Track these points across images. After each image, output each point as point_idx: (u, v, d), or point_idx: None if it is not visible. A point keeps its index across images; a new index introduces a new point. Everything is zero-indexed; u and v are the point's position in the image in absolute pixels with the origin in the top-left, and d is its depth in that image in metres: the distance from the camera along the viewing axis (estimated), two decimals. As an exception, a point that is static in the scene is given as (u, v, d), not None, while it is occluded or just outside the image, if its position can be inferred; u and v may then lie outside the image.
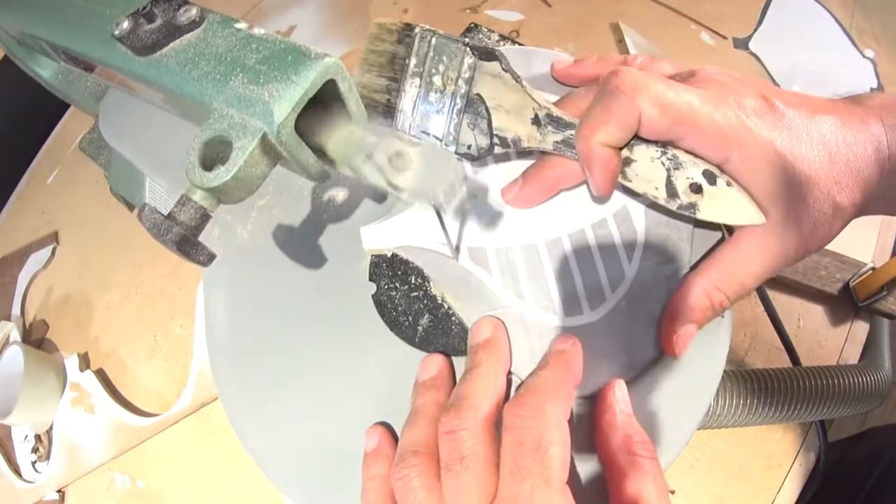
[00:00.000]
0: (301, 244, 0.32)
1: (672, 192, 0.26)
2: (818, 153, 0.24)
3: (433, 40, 0.28)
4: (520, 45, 0.58)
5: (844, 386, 0.40)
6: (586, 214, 0.29)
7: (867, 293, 0.46)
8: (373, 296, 0.30)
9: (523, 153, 0.30)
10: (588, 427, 0.26)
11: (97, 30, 0.27)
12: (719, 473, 0.44)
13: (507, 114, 0.28)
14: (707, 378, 0.27)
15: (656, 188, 0.26)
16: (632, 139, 0.26)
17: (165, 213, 0.22)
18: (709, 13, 0.67)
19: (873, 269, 0.47)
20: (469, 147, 0.28)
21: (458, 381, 0.27)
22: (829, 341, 0.48)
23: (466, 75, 0.27)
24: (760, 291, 0.41)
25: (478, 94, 0.28)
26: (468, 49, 0.27)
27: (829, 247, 0.48)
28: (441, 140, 0.28)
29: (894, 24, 0.66)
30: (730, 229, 0.28)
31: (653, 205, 0.29)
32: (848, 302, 0.48)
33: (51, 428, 0.59)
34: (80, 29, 0.28)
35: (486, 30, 0.61)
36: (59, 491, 0.57)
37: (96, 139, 0.65)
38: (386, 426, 0.28)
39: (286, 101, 0.21)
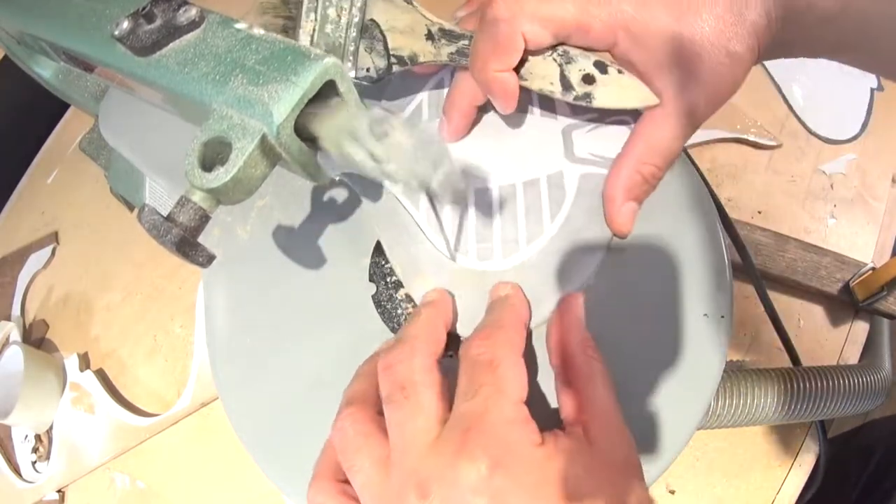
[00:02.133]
0: (301, 244, 0.32)
1: (566, 85, 0.27)
2: (701, 10, 0.24)
3: None
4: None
5: (844, 386, 0.40)
6: (520, 171, 0.30)
7: (867, 293, 0.46)
8: (373, 296, 0.30)
9: None
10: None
11: (97, 30, 0.27)
12: (719, 473, 0.44)
13: (402, 34, 0.29)
14: (707, 378, 0.27)
15: (551, 83, 0.27)
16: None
17: (165, 213, 0.22)
18: (709, 13, 0.67)
19: (873, 269, 0.47)
20: (368, 70, 0.29)
21: None
22: (829, 341, 0.48)
23: (359, 3, 0.29)
24: (760, 291, 0.41)
25: (371, 20, 0.29)
26: None
27: (829, 247, 0.48)
28: None
29: (894, 24, 0.66)
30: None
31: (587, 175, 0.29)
32: (848, 302, 0.47)
33: (51, 428, 0.59)
34: (80, 29, 0.28)
35: (485, 29, 0.61)
36: (59, 491, 0.57)
37: (96, 139, 0.65)
38: None
39: (286, 101, 0.21)
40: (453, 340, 0.28)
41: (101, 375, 0.60)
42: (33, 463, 0.59)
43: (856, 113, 0.56)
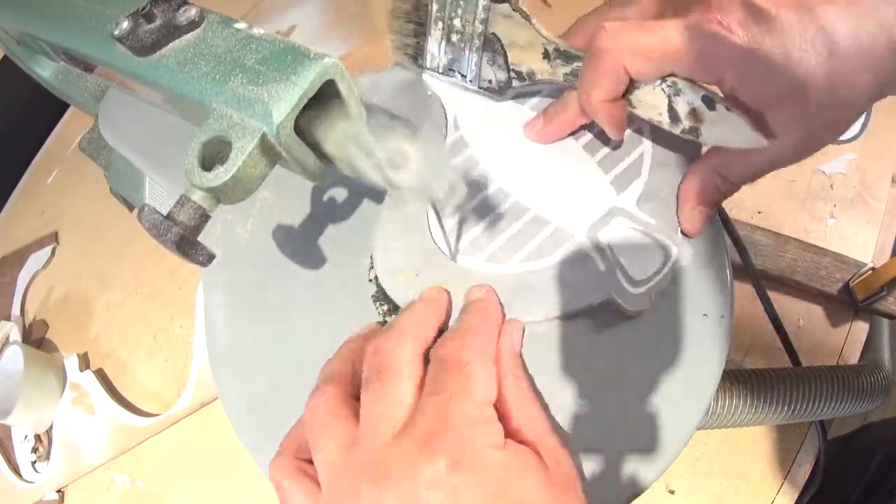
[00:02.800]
0: (301, 244, 0.32)
1: (674, 117, 0.27)
2: (815, 50, 0.24)
3: None
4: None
5: (844, 386, 0.39)
6: (577, 212, 0.30)
7: (867, 293, 0.46)
8: (372, 296, 0.30)
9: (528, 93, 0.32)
10: None
11: (97, 30, 0.27)
12: (719, 473, 0.44)
13: (521, 49, 0.30)
14: (707, 378, 0.27)
15: (659, 113, 0.27)
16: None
17: (165, 213, 0.22)
18: (709, 13, 0.67)
19: (873, 269, 0.47)
20: (490, 82, 0.31)
21: None
22: (829, 341, 0.48)
23: (482, 16, 0.29)
24: (760, 291, 0.41)
25: (493, 34, 0.30)
26: None
27: (829, 247, 0.48)
28: (465, 77, 0.31)
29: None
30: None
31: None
32: (848, 302, 0.47)
33: (51, 428, 0.59)
34: (79, 29, 0.28)
35: (486, 30, 0.61)
36: (58, 491, 0.57)
37: (96, 139, 0.65)
38: None
39: (285, 101, 0.21)
40: None
41: (101, 375, 0.60)
42: (33, 463, 0.59)
43: (856, 113, 0.56)
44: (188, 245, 0.22)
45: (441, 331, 0.27)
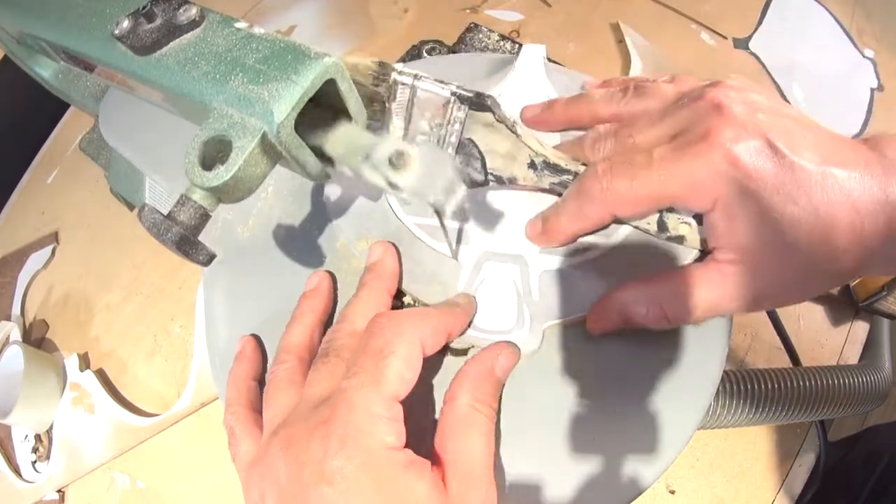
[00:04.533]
0: (301, 244, 0.32)
1: (663, 227, 0.27)
2: (813, 215, 0.22)
3: (417, 93, 0.27)
4: (520, 45, 0.58)
5: (844, 386, 0.40)
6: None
7: (867, 293, 0.46)
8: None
9: None
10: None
11: (97, 29, 0.27)
12: (719, 473, 0.44)
13: (503, 158, 0.28)
14: (707, 378, 0.27)
15: (648, 223, 0.27)
16: None
17: (165, 212, 0.22)
18: (709, 13, 0.67)
19: (873, 269, 0.47)
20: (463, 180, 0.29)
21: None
22: (829, 341, 0.48)
23: (456, 126, 0.27)
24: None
25: (469, 139, 0.28)
26: (457, 101, 0.26)
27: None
28: None
29: (894, 24, 0.66)
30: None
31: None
32: (848, 302, 0.48)
33: (51, 428, 0.59)
34: (80, 28, 0.28)
35: (486, 30, 0.61)
36: (59, 491, 0.57)
37: (96, 139, 0.65)
38: (255, 337, 0.31)
39: (286, 100, 0.21)
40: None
41: (101, 375, 0.60)
42: (33, 463, 0.59)
43: (856, 113, 0.56)
44: (188, 245, 0.22)
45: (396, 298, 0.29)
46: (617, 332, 0.27)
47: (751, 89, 0.25)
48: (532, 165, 0.28)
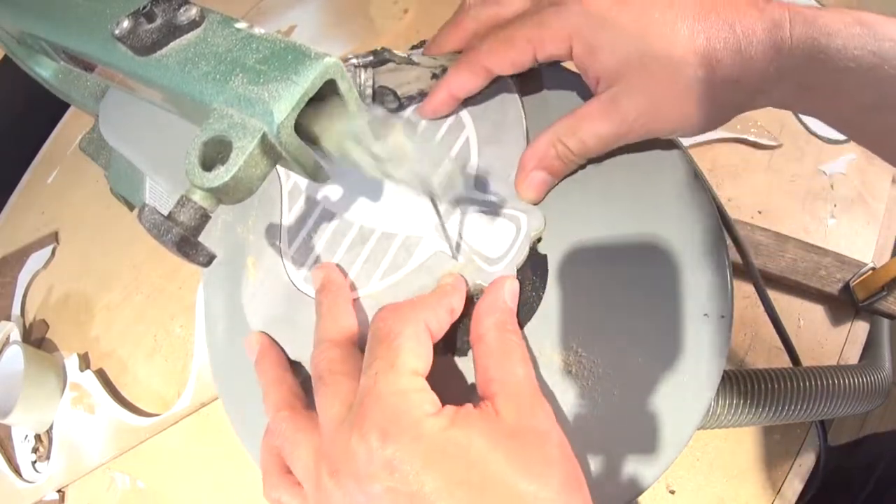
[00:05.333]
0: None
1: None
2: (678, 30, 0.24)
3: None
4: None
5: (844, 386, 0.39)
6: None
7: (867, 293, 0.46)
8: (373, 296, 0.30)
9: None
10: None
11: (97, 29, 0.27)
12: (719, 473, 0.44)
13: (411, 83, 0.32)
14: (707, 378, 0.27)
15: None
16: None
17: (165, 213, 0.22)
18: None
19: (873, 269, 0.47)
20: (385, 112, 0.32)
21: None
22: (829, 341, 0.48)
23: (368, 83, 0.31)
24: (760, 291, 0.41)
25: (381, 86, 0.31)
26: (359, 69, 0.31)
27: (829, 247, 0.48)
28: None
29: (894, 24, 0.66)
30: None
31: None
32: (848, 302, 0.47)
33: (51, 428, 0.59)
34: (80, 29, 0.28)
35: (486, 30, 0.61)
36: (59, 491, 0.57)
37: (96, 139, 0.65)
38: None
39: (286, 101, 0.21)
40: (448, 342, 0.28)
41: (101, 375, 0.60)
42: (33, 463, 0.59)
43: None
44: (188, 245, 0.22)
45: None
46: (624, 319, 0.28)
47: None
48: (434, 76, 0.31)
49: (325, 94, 0.23)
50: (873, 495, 0.44)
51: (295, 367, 0.30)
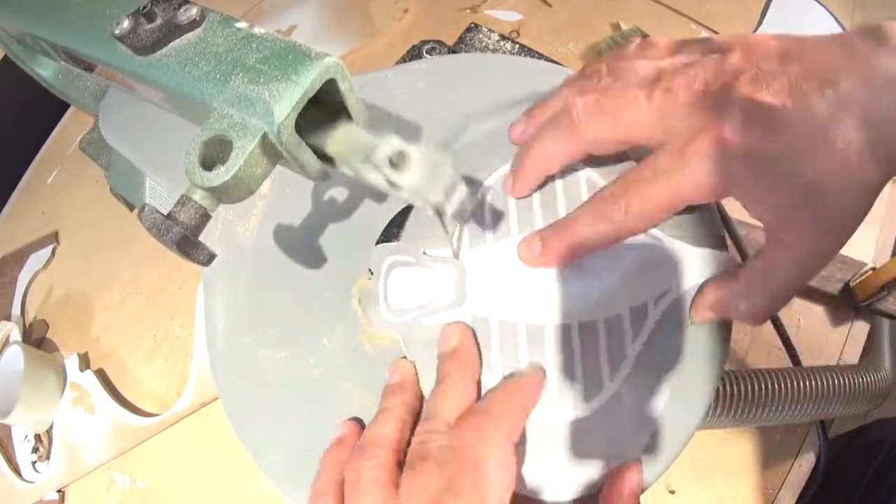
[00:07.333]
0: (302, 244, 0.32)
1: None
2: (823, 154, 0.21)
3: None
4: (521, 45, 0.58)
5: (844, 386, 0.39)
6: (602, 306, 0.28)
7: (867, 293, 0.46)
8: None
9: None
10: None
11: (97, 29, 0.27)
12: (719, 473, 0.44)
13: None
14: (707, 378, 0.27)
15: None
16: None
17: (165, 212, 0.22)
18: (709, 13, 0.67)
19: (873, 269, 0.47)
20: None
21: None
22: (829, 341, 0.48)
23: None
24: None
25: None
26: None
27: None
28: None
29: (894, 25, 0.66)
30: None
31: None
32: (848, 302, 0.47)
33: (51, 428, 0.59)
34: (80, 28, 0.28)
35: (486, 30, 0.61)
36: (59, 491, 0.57)
37: (96, 139, 0.65)
38: (357, 421, 0.28)
39: (286, 100, 0.21)
40: None
41: (101, 375, 0.60)
42: (33, 463, 0.59)
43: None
44: (189, 245, 0.22)
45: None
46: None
47: (726, 49, 0.25)
48: None
49: (328, 96, 0.23)
50: (877, 475, 0.44)
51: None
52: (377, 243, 0.30)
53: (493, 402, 0.26)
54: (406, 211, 0.31)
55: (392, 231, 0.31)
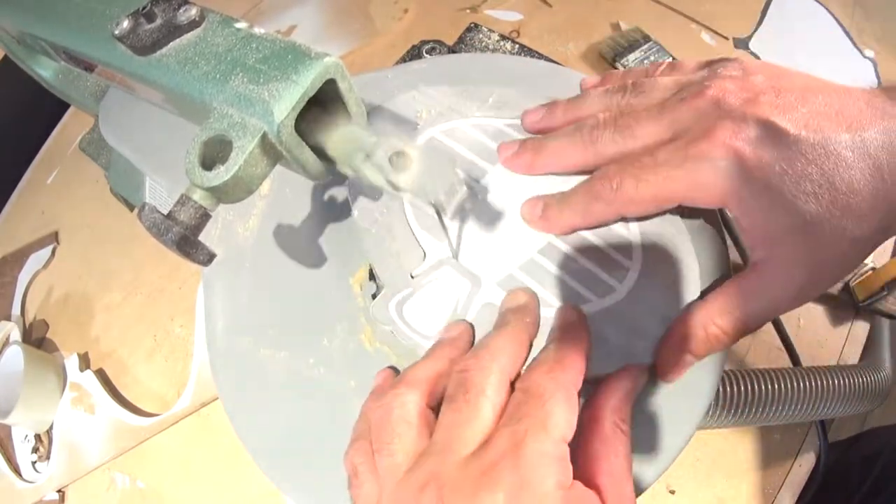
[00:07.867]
0: (302, 244, 0.32)
1: None
2: (829, 187, 0.22)
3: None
4: (521, 45, 0.58)
5: (844, 386, 0.39)
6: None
7: (867, 293, 0.46)
8: (373, 295, 0.30)
9: None
10: None
11: (97, 29, 0.27)
12: (719, 473, 0.44)
13: None
14: (707, 378, 0.27)
15: None
16: None
17: (165, 212, 0.22)
18: (709, 13, 0.67)
19: (873, 269, 0.47)
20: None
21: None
22: (829, 341, 0.48)
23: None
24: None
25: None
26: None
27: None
28: None
29: (894, 25, 0.66)
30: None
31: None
32: (848, 302, 0.48)
33: (51, 428, 0.59)
34: (80, 29, 0.28)
35: (486, 30, 0.61)
36: (59, 491, 0.57)
37: (96, 139, 0.65)
38: (396, 371, 0.28)
39: (286, 100, 0.21)
40: None
41: (101, 375, 0.60)
42: (33, 463, 0.59)
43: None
44: (189, 244, 0.22)
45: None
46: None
47: (750, 72, 0.25)
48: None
49: (328, 96, 0.23)
50: (874, 487, 0.44)
51: None
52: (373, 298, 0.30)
53: (556, 353, 0.25)
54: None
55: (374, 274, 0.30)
